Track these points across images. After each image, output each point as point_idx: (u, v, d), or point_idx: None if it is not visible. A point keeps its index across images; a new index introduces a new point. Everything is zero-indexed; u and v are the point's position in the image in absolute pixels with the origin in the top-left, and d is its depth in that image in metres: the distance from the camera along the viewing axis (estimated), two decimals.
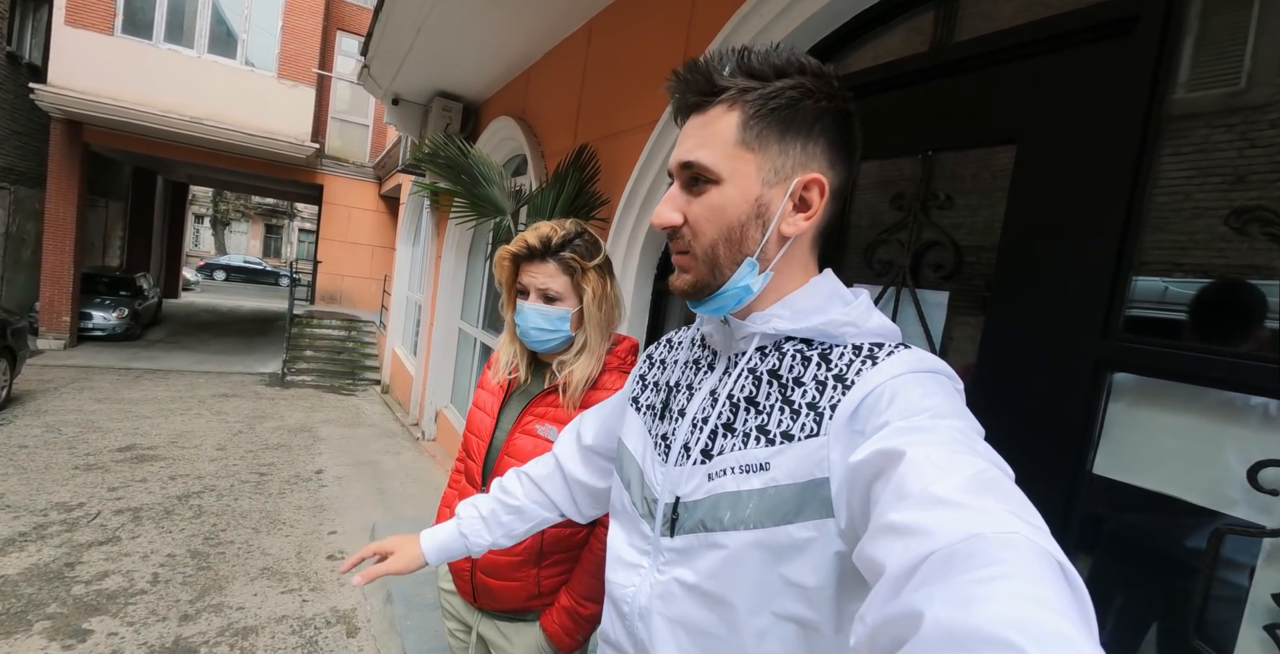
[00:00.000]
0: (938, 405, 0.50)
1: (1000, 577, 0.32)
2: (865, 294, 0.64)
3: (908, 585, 0.35)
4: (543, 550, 1.12)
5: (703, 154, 0.59)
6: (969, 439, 0.47)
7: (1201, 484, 0.96)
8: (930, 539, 0.36)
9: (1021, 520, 0.37)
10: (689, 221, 0.61)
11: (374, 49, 4.08)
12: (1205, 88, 1.02)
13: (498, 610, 1.17)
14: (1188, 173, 1.03)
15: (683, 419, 0.68)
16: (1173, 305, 1.04)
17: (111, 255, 11.60)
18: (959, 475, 0.41)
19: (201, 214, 27.62)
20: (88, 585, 2.65)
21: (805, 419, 0.57)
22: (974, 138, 1.31)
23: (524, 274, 1.12)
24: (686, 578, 0.62)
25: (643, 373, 0.82)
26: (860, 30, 1.60)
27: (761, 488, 0.57)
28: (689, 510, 0.62)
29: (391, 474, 4.63)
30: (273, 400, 6.63)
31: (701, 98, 0.60)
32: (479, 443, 1.18)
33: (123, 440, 4.69)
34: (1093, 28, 1.10)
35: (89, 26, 7.87)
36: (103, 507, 3.48)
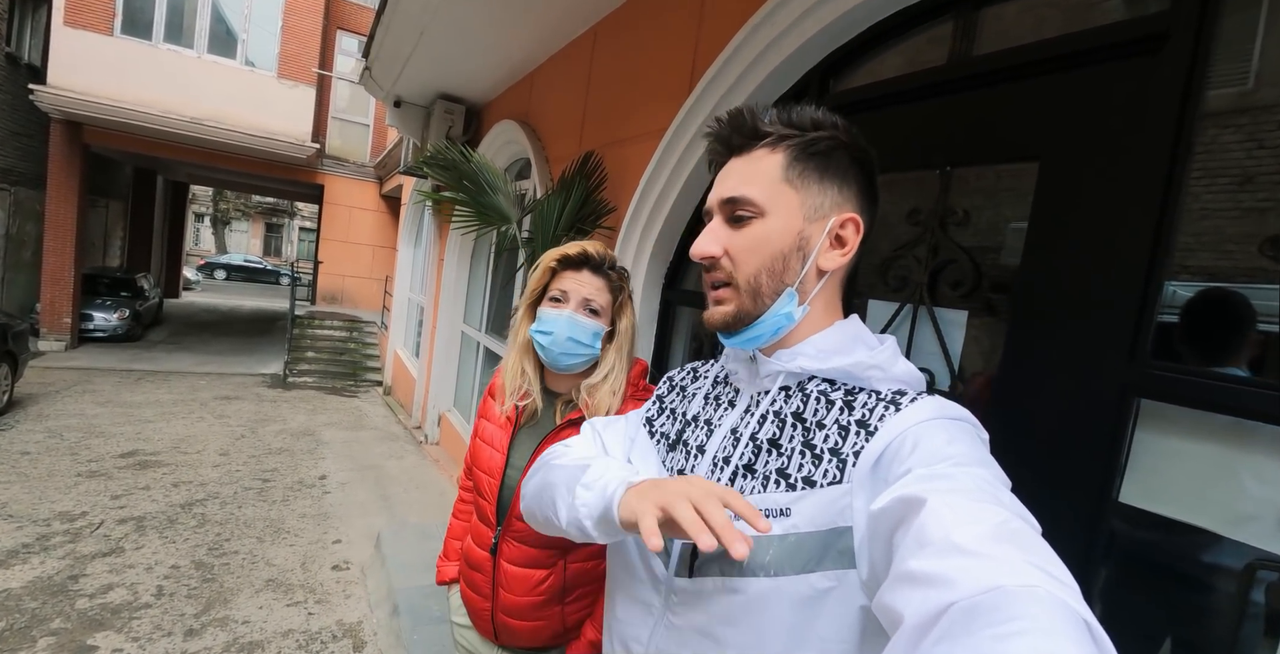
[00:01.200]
0: (961, 453, 0.50)
1: (1021, 632, 0.31)
2: (892, 340, 0.65)
3: (927, 638, 0.34)
4: (565, 586, 1.09)
5: (748, 189, 0.62)
6: (993, 488, 0.46)
7: (1236, 517, 0.94)
8: (950, 590, 0.35)
9: (1046, 574, 0.36)
10: (730, 253, 0.63)
11: (375, 51, 4.04)
12: None
13: (521, 648, 1.14)
14: (1221, 191, 1.00)
15: (702, 456, 0.67)
16: (1205, 331, 1.01)
17: (112, 255, 11.58)
18: (982, 525, 0.40)
19: (202, 213, 27.58)
20: (91, 599, 2.63)
21: (828, 465, 0.56)
22: (995, 153, 1.28)
23: (568, 280, 1.08)
24: (701, 623, 0.60)
25: (662, 395, 0.81)
26: (875, 41, 1.57)
27: (782, 534, 0.56)
28: (707, 553, 0.60)
29: (395, 479, 4.61)
30: (275, 403, 6.61)
31: (746, 140, 0.64)
32: (490, 481, 1.13)
33: (125, 446, 4.67)
34: (1120, 44, 1.07)
35: (88, 27, 7.82)
36: (106, 516, 3.46)
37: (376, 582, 2.91)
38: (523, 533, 1.08)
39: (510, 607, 1.09)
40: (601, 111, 2.81)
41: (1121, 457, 1.06)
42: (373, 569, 3.05)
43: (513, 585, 1.08)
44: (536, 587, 1.07)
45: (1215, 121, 0.99)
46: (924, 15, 1.45)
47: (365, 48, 4.18)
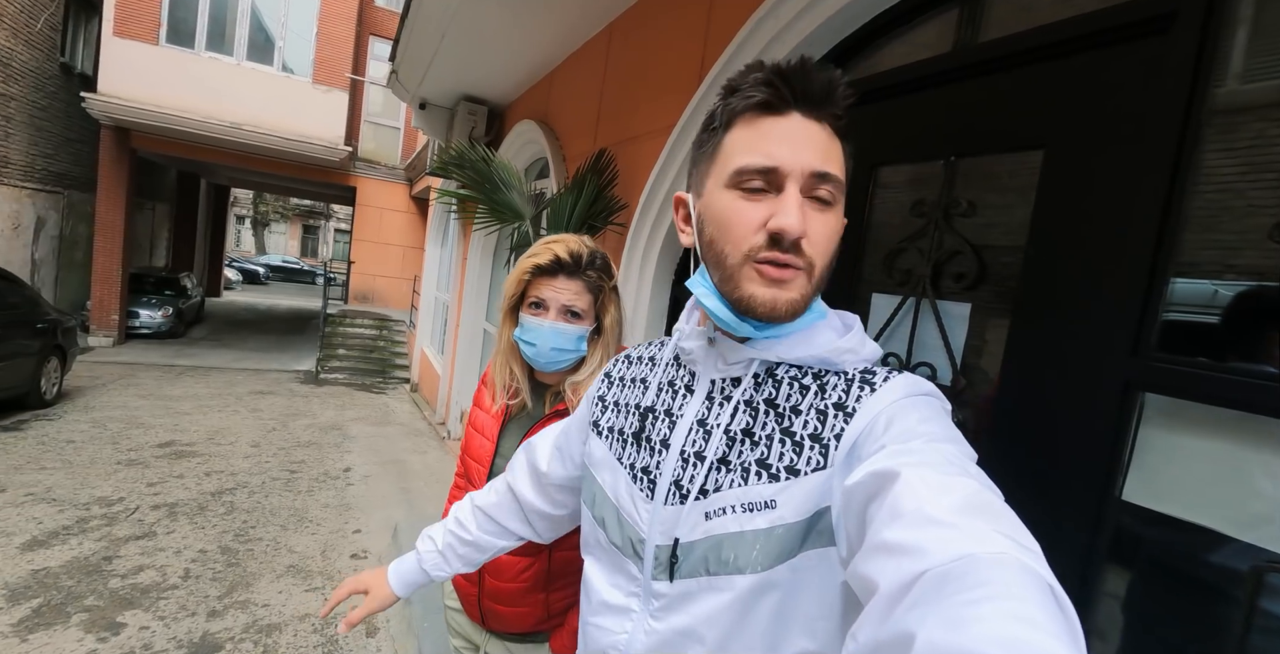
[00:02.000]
0: (933, 430, 0.51)
1: (991, 598, 0.32)
2: (858, 320, 0.64)
3: (900, 605, 0.35)
4: (550, 574, 1.10)
5: (837, 171, 0.56)
6: (962, 461, 0.47)
7: (1243, 516, 0.90)
8: (923, 558, 0.37)
9: (1014, 542, 0.37)
10: (810, 237, 0.55)
11: (401, 54, 4.13)
12: (1258, 80, 0.95)
13: (507, 633, 1.16)
14: (1239, 170, 0.96)
15: (667, 451, 0.64)
16: (1213, 325, 0.97)
17: (158, 256, 12.08)
18: (953, 496, 0.41)
19: (243, 215, 28.58)
20: (124, 579, 2.75)
21: (810, 452, 0.55)
22: (999, 142, 1.25)
23: (544, 288, 1.06)
24: (685, 625, 0.59)
25: (601, 394, 0.78)
26: (879, 32, 1.55)
27: (769, 527, 0.55)
28: (686, 552, 0.59)
29: (417, 473, 4.70)
30: (306, 398, 6.80)
31: (819, 105, 0.56)
32: (479, 468, 1.15)
33: (163, 436, 4.87)
34: (1127, 26, 1.03)
35: (135, 36, 8.19)
36: (141, 501, 3.61)
37: None
38: None
39: (496, 593, 1.10)
40: (615, 109, 2.82)
41: (1125, 453, 1.02)
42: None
43: (499, 572, 1.10)
44: (521, 574, 1.08)
45: (1226, 103, 0.95)
46: (930, 3, 1.43)
47: (391, 51, 4.28)
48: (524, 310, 1.08)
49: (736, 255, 0.56)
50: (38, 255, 8.45)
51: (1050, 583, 0.35)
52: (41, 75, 8.20)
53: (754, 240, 0.55)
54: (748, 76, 0.57)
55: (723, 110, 0.59)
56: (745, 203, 0.56)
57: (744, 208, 0.56)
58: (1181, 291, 0.98)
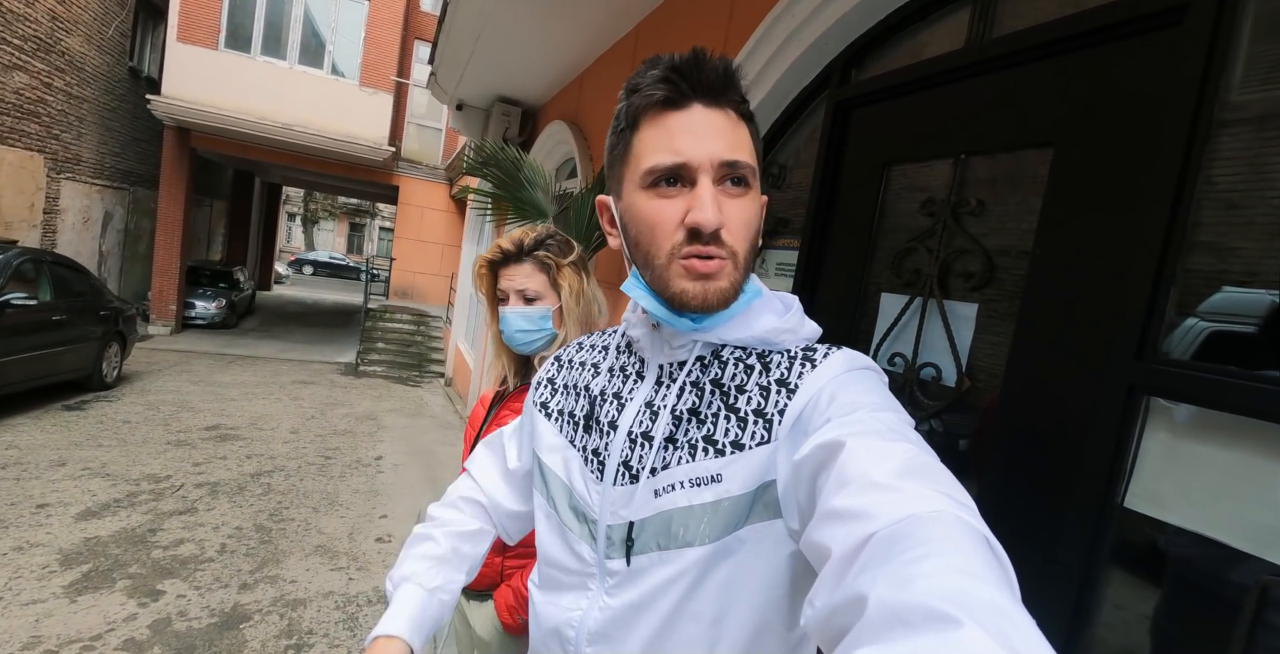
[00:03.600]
0: (874, 400, 0.53)
1: (933, 554, 0.34)
2: (795, 300, 0.66)
3: (852, 568, 0.37)
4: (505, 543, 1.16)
5: (744, 157, 0.57)
6: (903, 427, 0.50)
7: (1246, 526, 0.87)
8: (870, 522, 0.38)
9: (950, 499, 0.39)
10: (728, 225, 0.56)
11: (439, 57, 4.26)
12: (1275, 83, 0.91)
13: (471, 590, 1.23)
14: (1253, 178, 0.92)
15: (615, 432, 0.65)
16: (1220, 327, 0.94)
17: (214, 250, 12.68)
18: (894, 461, 0.43)
19: (294, 213, 29.76)
20: (165, 550, 2.93)
21: (755, 427, 0.57)
22: (1009, 140, 1.22)
23: (501, 279, 1.17)
24: (638, 599, 0.60)
25: (551, 377, 0.78)
26: (895, 28, 1.54)
27: (715, 500, 0.56)
28: (640, 531, 0.60)
29: (445, 464, 4.82)
30: (345, 389, 7.05)
31: (718, 94, 0.56)
32: (466, 448, 1.24)
33: (211, 420, 5.13)
34: (1138, 19, 1.00)
35: (197, 42, 8.65)
36: (186, 480, 3.82)
37: None
38: None
39: None
40: None
41: (1127, 459, 0.99)
42: None
43: None
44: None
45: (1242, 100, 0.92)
46: (943, 1, 1.41)
47: (430, 54, 4.42)
48: (500, 303, 1.19)
49: (661, 255, 0.57)
50: (105, 247, 8.99)
51: (985, 534, 0.37)
52: (111, 78, 8.73)
53: (675, 237, 0.56)
54: (645, 74, 0.57)
55: (626, 111, 0.59)
56: (661, 201, 0.57)
57: (661, 206, 0.57)
58: (1190, 295, 0.95)
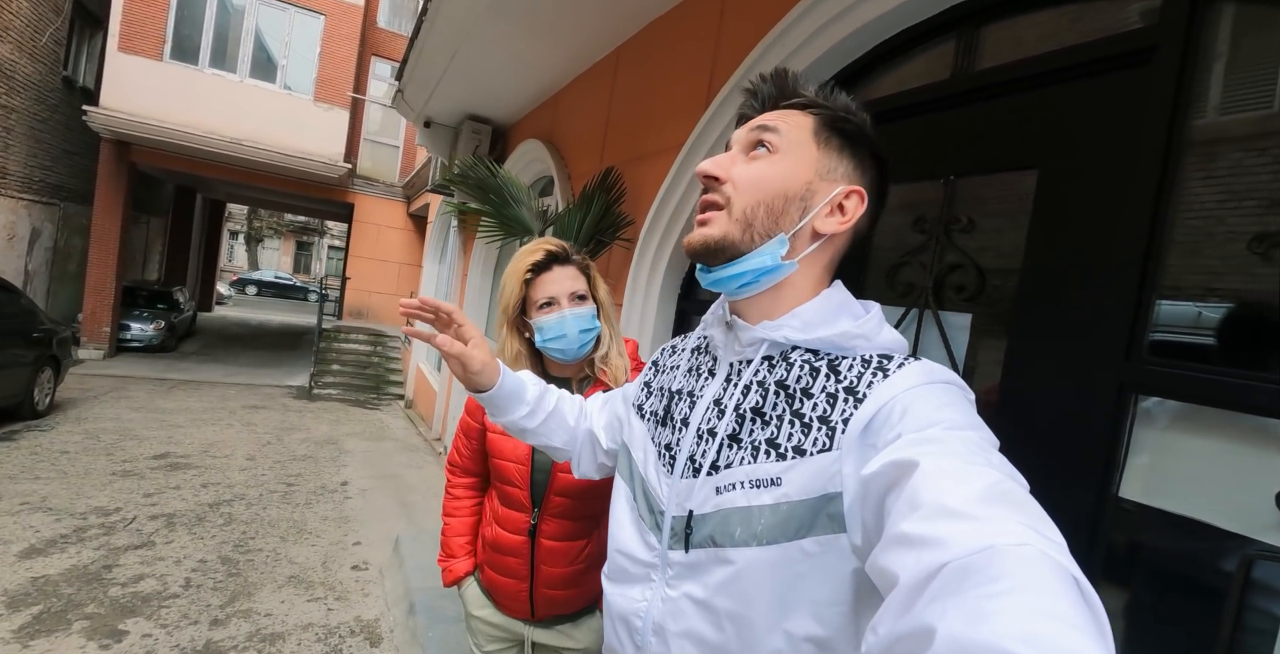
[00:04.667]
0: (951, 417, 0.50)
1: (1013, 590, 0.32)
2: (877, 307, 0.65)
3: (921, 598, 0.35)
4: (603, 553, 1.15)
5: (780, 124, 0.64)
6: (983, 450, 0.47)
7: (1231, 509, 0.96)
8: (943, 550, 0.36)
9: (1036, 533, 0.36)
10: (734, 181, 0.63)
11: (408, 74, 4.24)
12: (1236, 111, 1.04)
13: (559, 616, 1.19)
14: (1219, 197, 1.04)
15: (686, 429, 0.67)
16: (1198, 330, 1.04)
17: (151, 269, 12.03)
18: (973, 486, 0.40)
19: (237, 231, 28.53)
20: (124, 587, 2.73)
21: (818, 433, 0.56)
22: (996, 163, 1.33)
23: (546, 286, 1.13)
24: (696, 594, 0.61)
25: (648, 380, 0.81)
26: (883, 58, 1.65)
27: (774, 503, 0.56)
28: (699, 524, 0.61)
29: (414, 487, 4.69)
30: (300, 413, 6.76)
31: (782, 98, 0.66)
32: (520, 468, 1.17)
33: (158, 448, 4.83)
34: (1113, 57, 1.13)
35: (140, 52, 8.29)
36: (138, 512, 3.59)
37: (394, 582, 2.97)
38: (562, 508, 1.14)
39: (553, 579, 1.14)
40: (622, 130, 2.92)
41: (1121, 453, 1.08)
42: (390, 570, 3.12)
43: (555, 560, 1.14)
44: (578, 556, 1.13)
45: (1203, 132, 1.04)
46: (929, 33, 1.53)
47: (399, 70, 4.39)
48: (535, 315, 1.14)
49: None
50: (31, 266, 8.40)
51: (1074, 574, 0.34)
52: (44, 88, 8.25)
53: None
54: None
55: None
56: None
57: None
58: (1169, 308, 1.06)
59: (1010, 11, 1.37)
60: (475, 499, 1.33)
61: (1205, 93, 1.04)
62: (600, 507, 1.12)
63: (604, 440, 0.88)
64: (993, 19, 1.40)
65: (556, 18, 2.89)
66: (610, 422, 0.88)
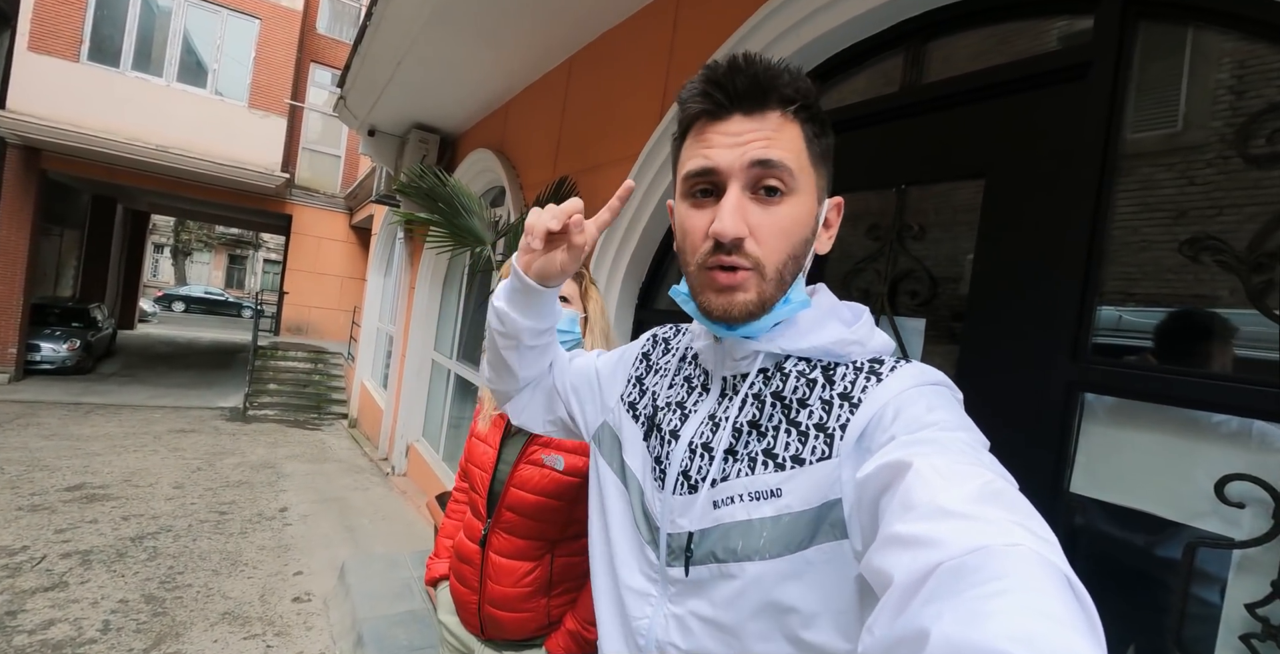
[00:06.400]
0: (943, 418, 0.50)
1: (1007, 591, 0.31)
2: (865, 311, 0.64)
3: (915, 599, 0.35)
4: (551, 581, 1.11)
5: (783, 154, 0.55)
6: (975, 451, 0.47)
7: (1174, 499, 1.00)
8: (937, 550, 0.36)
9: (1028, 532, 0.36)
10: (756, 234, 0.55)
11: (351, 80, 4.11)
12: (1147, 129, 1.11)
13: (505, 640, 1.14)
14: (1135, 208, 1.10)
15: (676, 442, 0.65)
16: (1135, 333, 1.10)
17: (64, 285, 11.17)
18: (966, 486, 0.40)
19: (162, 244, 26.90)
20: (31, 635, 2.47)
21: (816, 442, 0.55)
22: (945, 172, 1.38)
23: None
24: (703, 611, 0.59)
25: (640, 376, 0.77)
26: (836, 70, 1.69)
27: (775, 515, 0.55)
28: (699, 541, 0.60)
29: (360, 511, 4.47)
30: (234, 436, 6.37)
31: (760, 97, 0.56)
32: (482, 475, 1.17)
33: (71, 479, 4.44)
34: (1053, 72, 1.18)
35: (53, 53, 7.75)
36: (49, 550, 3.27)
37: (340, 613, 2.80)
38: (512, 524, 1.10)
39: (497, 598, 1.10)
40: (575, 139, 2.90)
41: (1071, 449, 1.12)
42: (336, 600, 2.94)
43: (500, 577, 1.10)
44: (523, 578, 1.09)
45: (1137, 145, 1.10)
46: (878, 47, 1.58)
47: (341, 77, 4.25)
48: None
49: (693, 264, 0.58)
50: None
51: (1067, 574, 0.34)
52: None
53: (703, 248, 0.57)
54: (690, 86, 0.59)
55: (679, 120, 0.62)
56: (694, 210, 0.58)
57: (693, 216, 0.58)
58: (1109, 311, 1.11)
59: (953, 28, 1.43)
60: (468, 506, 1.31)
61: (1134, 105, 1.11)
62: (550, 532, 1.11)
63: (564, 401, 0.83)
64: (938, 35, 1.46)
65: (506, 26, 2.86)
66: (574, 389, 0.82)
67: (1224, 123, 1.02)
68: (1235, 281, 0.97)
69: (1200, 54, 1.06)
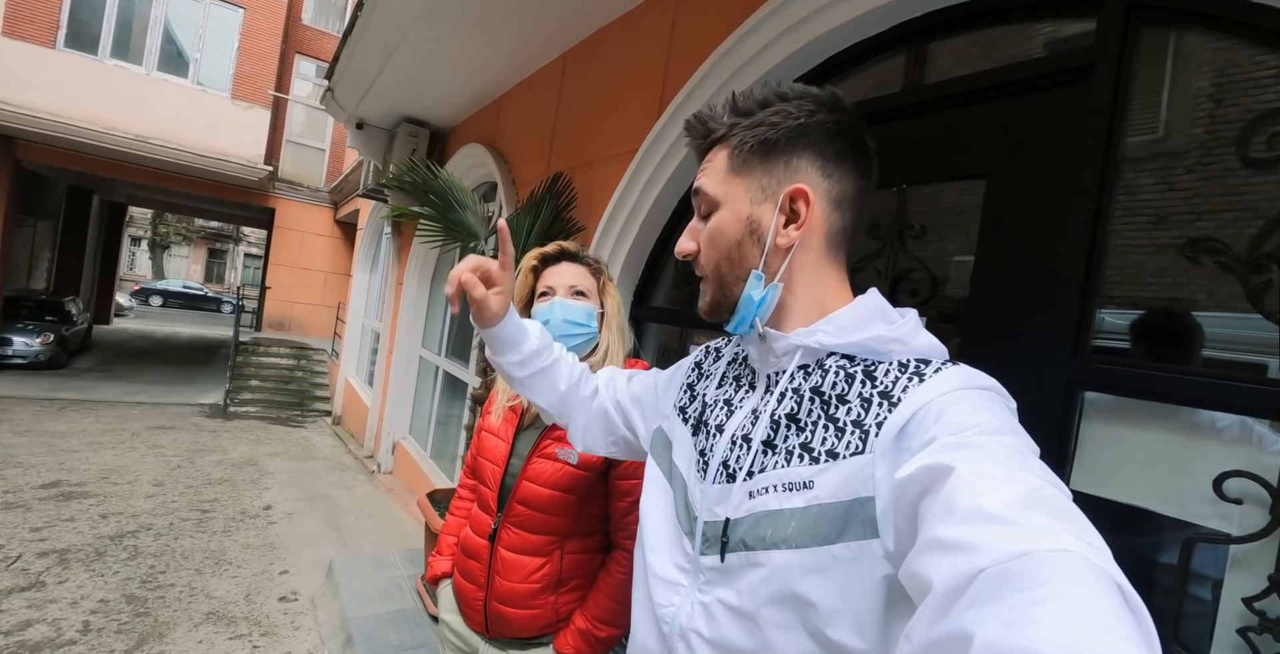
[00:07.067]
0: (987, 421, 0.49)
1: (1054, 597, 0.31)
2: (913, 313, 0.64)
3: (956, 605, 0.34)
4: (561, 577, 1.10)
5: (703, 182, 0.67)
6: (1021, 456, 0.46)
7: (1172, 496, 1.02)
8: (980, 556, 0.35)
9: (1077, 539, 0.35)
10: (699, 247, 0.68)
11: (340, 72, 4.04)
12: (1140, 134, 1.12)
13: (510, 638, 1.13)
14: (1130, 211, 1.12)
15: (720, 435, 0.67)
16: (1137, 330, 1.11)
17: (38, 278, 10.90)
18: (1010, 491, 0.39)
19: (139, 236, 26.33)
20: (7, 636, 2.41)
21: (851, 437, 0.55)
22: (946, 172, 1.39)
23: (550, 276, 1.16)
24: (729, 599, 0.60)
25: (691, 382, 0.80)
26: (837, 69, 1.70)
27: (805, 506, 0.56)
28: (733, 530, 0.61)
29: (346, 509, 4.41)
30: (215, 433, 6.26)
31: (701, 140, 0.69)
32: (494, 469, 1.15)
33: (47, 476, 4.33)
34: (1054, 73, 1.20)
35: (29, 38, 7.55)
36: (24, 549, 3.19)
37: (328, 612, 2.76)
38: (523, 519, 1.09)
39: (505, 594, 1.09)
40: (570, 135, 2.88)
41: (1070, 446, 1.14)
42: (324, 599, 2.90)
43: (509, 572, 1.09)
44: (532, 574, 1.08)
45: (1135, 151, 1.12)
46: (879, 47, 1.59)
47: (329, 69, 4.18)
48: (535, 303, 1.16)
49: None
50: None
51: (1119, 581, 0.33)
52: None
53: None
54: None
55: None
56: None
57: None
58: (1111, 310, 1.13)
59: (955, 30, 1.44)
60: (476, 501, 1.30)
61: (1135, 108, 1.12)
62: (562, 526, 1.10)
63: (624, 418, 0.87)
64: (940, 36, 1.47)
65: (500, 19, 2.83)
66: (636, 400, 0.87)
67: (1204, 130, 1.04)
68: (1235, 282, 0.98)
69: (1188, 59, 1.08)
